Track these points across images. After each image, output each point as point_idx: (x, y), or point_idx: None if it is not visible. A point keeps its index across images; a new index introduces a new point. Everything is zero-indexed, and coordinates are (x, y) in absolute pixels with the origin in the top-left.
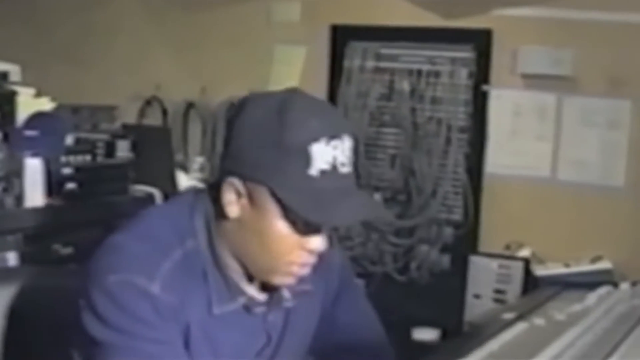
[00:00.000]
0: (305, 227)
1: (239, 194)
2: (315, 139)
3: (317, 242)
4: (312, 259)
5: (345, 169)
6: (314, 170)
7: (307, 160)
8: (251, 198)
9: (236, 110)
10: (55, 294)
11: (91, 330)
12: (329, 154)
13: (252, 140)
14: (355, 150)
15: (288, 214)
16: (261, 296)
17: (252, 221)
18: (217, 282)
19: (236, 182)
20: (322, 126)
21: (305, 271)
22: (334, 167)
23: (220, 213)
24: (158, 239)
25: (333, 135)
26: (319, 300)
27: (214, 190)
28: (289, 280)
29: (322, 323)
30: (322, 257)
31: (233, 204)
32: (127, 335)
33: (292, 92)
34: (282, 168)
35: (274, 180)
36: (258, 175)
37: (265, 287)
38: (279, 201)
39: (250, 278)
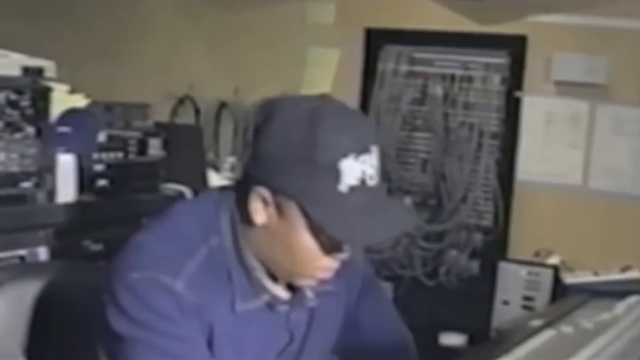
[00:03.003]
0: (330, 242)
1: (266, 203)
2: (345, 155)
3: (344, 252)
4: (336, 265)
5: (373, 182)
6: (343, 187)
7: (336, 176)
8: (279, 209)
9: (265, 116)
10: (84, 289)
11: (114, 324)
12: (358, 169)
13: (282, 152)
14: (382, 155)
15: (314, 228)
16: (284, 295)
17: (279, 230)
18: (240, 279)
19: (264, 192)
20: (351, 142)
21: (328, 275)
22: (363, 182)
23: (246, 217)
24: (183, 237)
25: (361, 150)
26: (343, 301)
27: (240, 192)
28: (313, 282)
29: (346, 324)
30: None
31: (260, 212)
32: (149, 330)
33: (322, 101)
34: (312, 184)
35: (304, 196)
36: (287, 190)
37: (289, 285)
38: (307, 216)
39: (274, 277)
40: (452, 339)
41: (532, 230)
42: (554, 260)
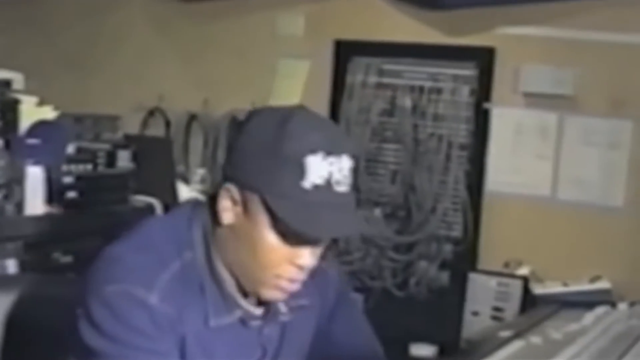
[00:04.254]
0: (293, 239)
1: (234, 201)
2: (312, 152)
3: (306, 258)
4: (301, 275)
5: (341, 188)
6: (307, 183)
7: (301, 171)
8: (245, 206)
9: (244, 120)
10: (54, 302)
11: (87, 339)
12: (325, 169)
13: (251, 147)
14: (355, 172)
15: (277, 224)
16: (257, 310)
17: (244, 230)
18: (213, 294)
19: (232, 188)
20: (321, 140)
21: (294, 287)
22: (329, 184)
23: (215, 220)
24: (156, 250)
25: (331, 152)
26: (315, 315)
27: (213, 199)
28: (278, 295)
29: (318, 338)
30: (318, 271)
31: (228, 211)
32: (122, 345)
33: (298, 107)
34: (275, 177)
35: (267, 189)
36: (252, 183)
37: (261, 302)
38: (269, 211)
39: (245, 293)
40: (422, 350)
41: (501, 241)
42: (523, 271)
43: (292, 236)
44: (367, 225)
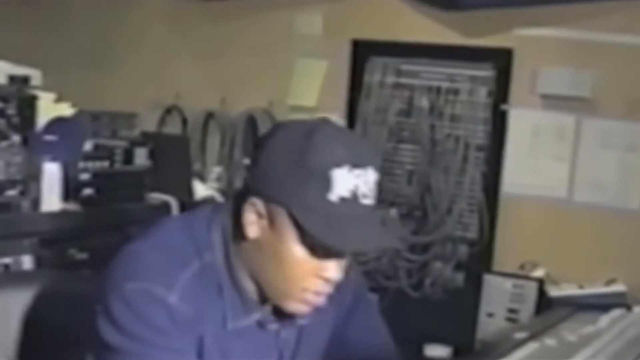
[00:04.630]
0: (320, 252)
1: (259, 215)
2: (338, 165)
3: (332, 271)
4: (327, 288)
5: (367, 201)
6: (333, 196)
7: (327, 184)
8: (271, 220)
9: (268, 133)
10: (70, 298)
11: (106, 336)
12: (351, 182)
13: (277, 161)
14: (380, 187)
15: (304, 238)
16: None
17: (271, 244)
18: (232, 297)
19: (258, 202)
20: (347, 153)
21: (320, 300)
22: (355, 196)
23: (239, 232)
24: (176, 249)
25: (356, 164)
26: (332, 317)
27: (234, 207)
28: (303, 308)
29: (334, 339)
30: None
31: (253, 225)
32: (141, 343)
33: (324, 120)
34: (302, 190)
35: (293, 202)
36: (278, 197)
37: (278, 311)
38: (296, 224)
39: (264, 300)
40: (436, 351)
41: (517, 242)
42: (538, 273)
43: (319, 249)
44: (395, 239)
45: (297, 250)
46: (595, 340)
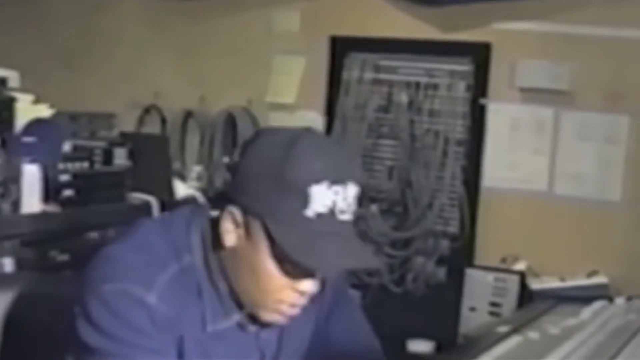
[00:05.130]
0: (293, 269)
1: (236, 224)
2: (317, 181)
3: (308, 284)
4: (302, 300)
5: (344, 217)
6: (310, 212)
7: (305, 200)
8: (247, 230)
9: (250, 139)
10: (51, 300)
11: (85, 337)
12: (329, 199)
13: (256, 170)
14: (360, 200)
15: (277, 252)
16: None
17: (246, 254)
18: (211, 299)
19: (235, 211)
20: (327, 169)
21: (294, 312)
22: (332, 213)
23: (217, 240)
24: (154, 251)
25: (336, 180)
26: (313, 315)
27: (213, 211)
28: (277, 318)
29: (316, 338)
30: None
31: (230, 233)
32: (120, 343)
33: (306, 130)
34: (278, 204)
35: (269, 215)
36: (254, 207)
37: (254, 319)
38: (270, 237)
39: (240, 305)
40: (419, 346)
41: (498, 236)
42: (520, 266)
43: (291, 266)
44: (373, 258)
45: (270, 264)
46: (577, 332)
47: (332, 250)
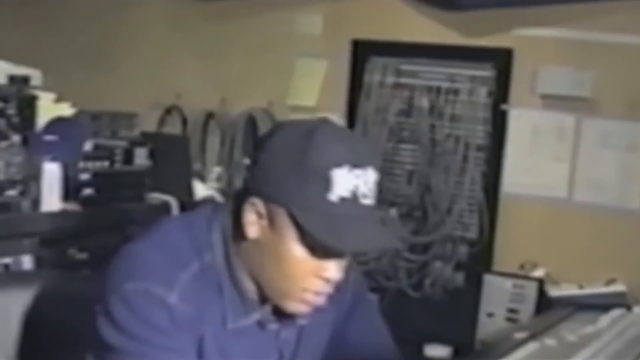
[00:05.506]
0: (320, 252)
1: (259, 215)
2: (338, 165)
3: (332, 271)
4: (327, 288)
5: (367, 201)
6: (333, 196)
7: (327, 184)
8: (271, 220)
9: (268, 132)
10: (70, 298)
11: (106, 336)
12: (351, 182)
13: (277, 161)
14: (380, 187)
15: (304, 237)
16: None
17: (270, 243)
18: (232, 297)
19: (258, 202)
20: (347, 153)
21: (320, 300)
22: (355, 196)
23: (239, 232)
24: (176, 250)
25: (356, 164)
26: (332, 316)
27: (234, 207)
28: (303, 309)
29: (334, 338)
30: None
31: (253, 225)
32: (141, 343)
33: (323, 120)
34: (302, 190)
35: (293, 202)
36: (278, 196)
37: (278, 311)
38: (296, 224)
39: (264, 300)
40: (436, 351)
41: (517, 242)
42: (538, 273)
43: (319, 249)
44: (395, 239)
45: (297, 250)
46: (595, 340)
47: (358, 232)
